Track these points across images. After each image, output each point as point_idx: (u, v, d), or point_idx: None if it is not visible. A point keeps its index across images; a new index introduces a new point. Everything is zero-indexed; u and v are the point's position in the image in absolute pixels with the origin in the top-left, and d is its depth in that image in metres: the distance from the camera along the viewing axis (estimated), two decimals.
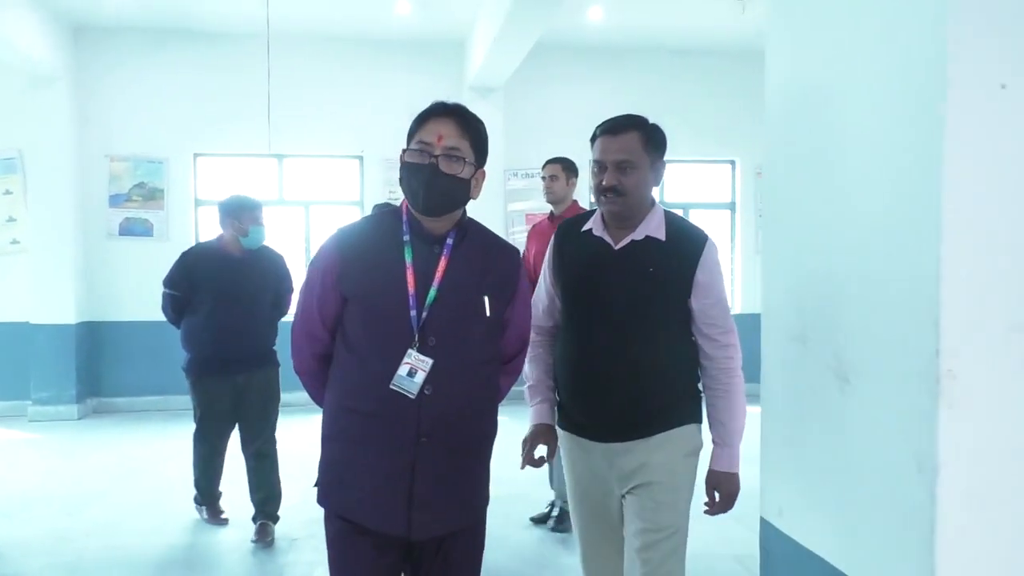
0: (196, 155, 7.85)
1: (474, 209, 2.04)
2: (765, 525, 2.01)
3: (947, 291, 1.28)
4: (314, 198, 8.07)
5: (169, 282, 4.20)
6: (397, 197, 6.63)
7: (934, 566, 1.27)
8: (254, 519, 4.25)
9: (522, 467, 2.32)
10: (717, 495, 2.26)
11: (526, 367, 2.37)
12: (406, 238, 1.95)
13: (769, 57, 2.02)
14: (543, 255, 2.53)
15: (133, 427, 6.96)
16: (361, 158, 8.00)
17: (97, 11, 7.05)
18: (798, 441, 1.86)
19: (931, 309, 1.30)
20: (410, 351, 1.86)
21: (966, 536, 1.27)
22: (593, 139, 2.29)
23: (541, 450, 2.32)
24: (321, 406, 2.05)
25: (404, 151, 1.93)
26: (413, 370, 1.86)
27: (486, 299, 1.94)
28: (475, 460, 2.01)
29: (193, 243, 7.62)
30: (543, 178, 4.41)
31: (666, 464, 2.22)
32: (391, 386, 1.85)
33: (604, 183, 2.19)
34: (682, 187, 8.72)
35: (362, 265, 1.93)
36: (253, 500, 4.28)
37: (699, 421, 2.30)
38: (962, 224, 1.29)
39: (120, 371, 7.61)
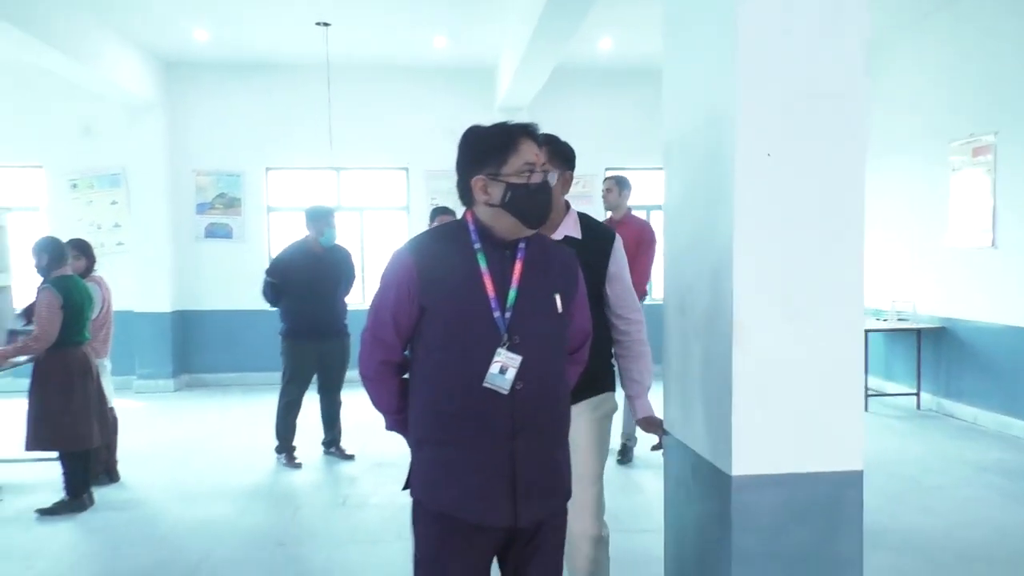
0: (268, 169, 9.18)
1: None
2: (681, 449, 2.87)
3: (737, 279, 2.08)
4: (367, 204, 9.33)
5: (270, 272, 5.58)
6: (438, 202, 7.82)
7: (731, 431, 2.09)
8: (327, 446, 5.89)
9: None
10: (654, 432, 2.62)
11: None
12: (477, 246, 2.01)
13: (665, 96, 2.60)
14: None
15: (218, 398, 8.35)
16: (407, 170, 9.23)
17: (185, 49, 8.38)
18: (680, 375, 2.57)
19: (729, 288, 2.10)
20: (500, 350, 1.93)
21: (749, 415, 2.09)
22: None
23: None
24: (382, 411, 2.13)
25: (500, 174, 1.97)
26: (504, 367, 1.93)
27: (557, 297, 2.04)
28: (562, 446, 2.09)
29: (265, 243, 9.03)
30: (603, 190, 5.58)
31: (586, 427, 2.58)
32: (484, 384, 1.92)
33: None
34: None
35: (439, 275, 1.96)
36: (327, 434, 5.88)
37: (613, 389, 2.71)
38: (746, 235, 2.07)
39: (206, 352, 9.03)
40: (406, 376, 2.09)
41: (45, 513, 4.63)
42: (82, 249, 5.16)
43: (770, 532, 2.10)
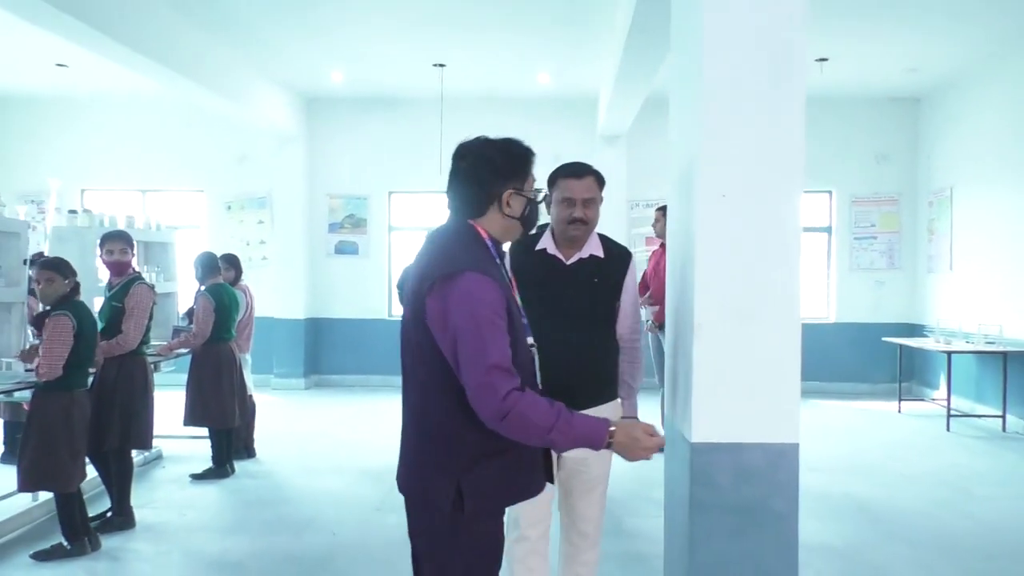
0: (390, 192, 10.25)
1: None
2: (666, 423, 3.50)
3: (697, 289, 2.65)
4: None
5: None
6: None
7: (691, 407, 2.63)
8: None
9: None
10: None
11: None
12: (498, 260, 2.11)
13: (670, 146, 3.20)
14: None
15: (342, 396, 9.42)
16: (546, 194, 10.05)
17: (323, 87, 9.58)
18: (669, 367, 3.11)
19: (691, 297, 2.68)
20: (533, 350, 2.16)
21: (707, 395, 2.61)
22: (553, 179, 2.81)
23: None
24: (544, 428, 1.90)
25: (523, 189, 2.13)
26: (534, 358, 2.17)
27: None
28: None
29: (387, 259, 10.07)
30: (653, 220, 6.28)
31: None
32: (537, 384, 2.15)
33: (575, 215, 2.74)
34: None
35: (505, 290, 2.00)
36: None
37: (618, 397, 2.95)
38: (704, 256, 2.64)
39: (334, 355, 10.16)
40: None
41: (196, 478, 5.70)
42: (231, 262, 6.25)
43: (722, 489, 2.66)
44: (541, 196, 2.25)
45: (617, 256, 2.90)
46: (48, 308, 4.13)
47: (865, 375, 9.50)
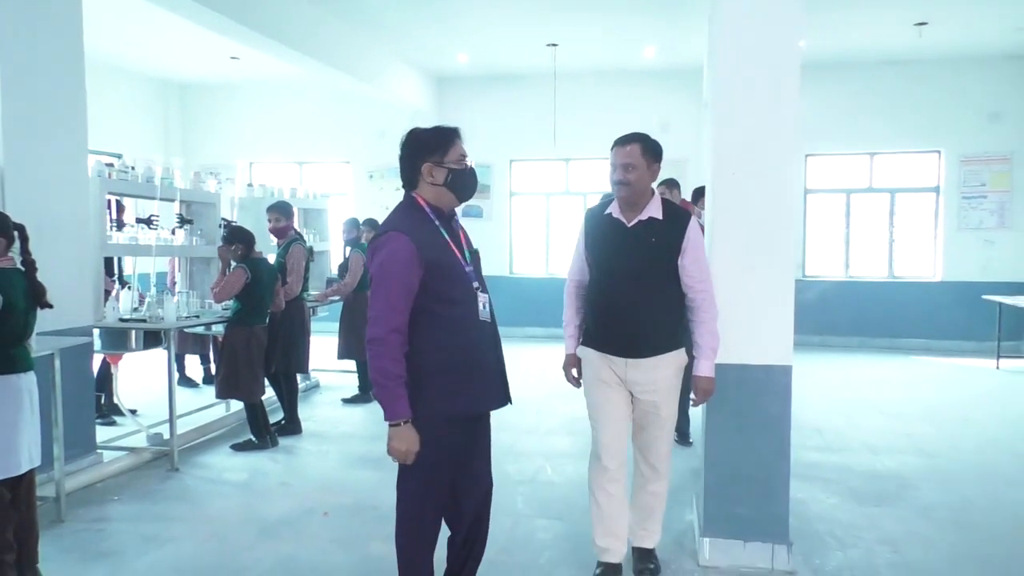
0: (511, 160, 11.25)
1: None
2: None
3: (714, 245, 3.41)
4: (587, 189, 11.04)
5: None
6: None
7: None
8: None
9: (577, 385, 3.35)
10: (697, 393, 3.22)
11: (564, 308, 3.38)
12: (437, 222, 2.61)
13: (713, 123, 4.08)
14: None
15: None
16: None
17: (450, 68, 10.65)
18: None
19: (709, 251, 3.58)
20: (479, 293, 2.63)
21: (721, 324, 3.47)
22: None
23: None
24: (390, 377, 2.45)
25: (443, 161, 2.61)
26: (484, 304, 2.65)
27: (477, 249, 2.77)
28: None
29: (508, 222, 11.08)
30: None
31: (665, 378, 3.17)
32: (480, 319, 2.62)
33: (617, 177, 3.10)
34: (889, 174, 10.22)
35: (427, 246, 2.52)
36: None
37: (683, 346, 3.23)
38: (720, 220, 3.44)
39: None
40: None
41: (347, 401, 7.00)
42: (372, 225, 7.42)
43: (729, 399, 3.50)
44: (462, 165, 2.64)
45: (675, 218, 3.15)
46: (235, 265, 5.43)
47: (970, 333, 9.64)
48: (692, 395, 3.24)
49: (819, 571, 3.51)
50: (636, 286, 3.10)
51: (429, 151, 2.61)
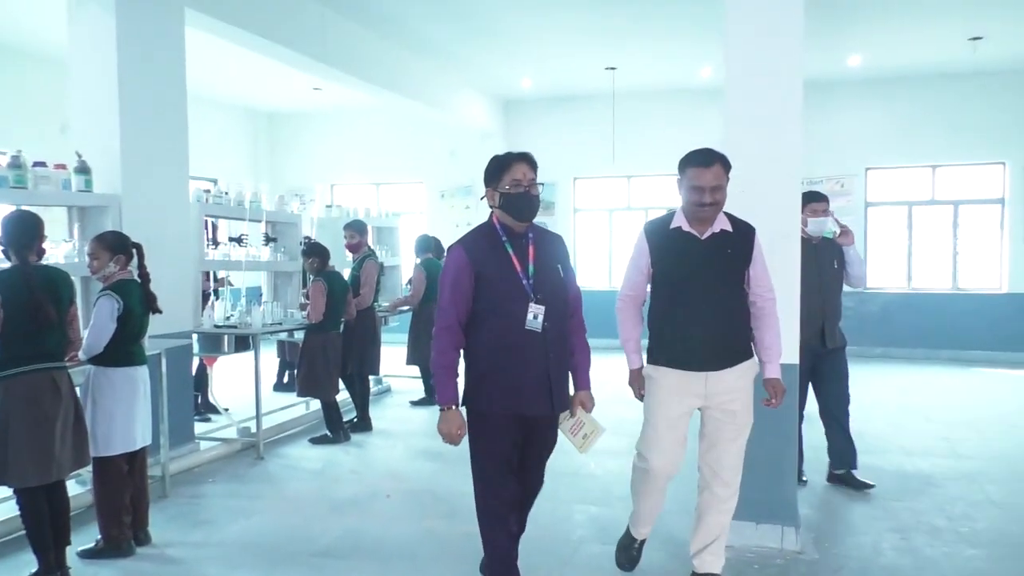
0: (575, 178, 11.75)
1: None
2: None
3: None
4: (653, 204, 11.42)
5: None
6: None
7: None
8: None
9: (640, 398, 3.33)
10: (776, 395, 3.25)
11: (620, 324, 3.36)
12: (504, 238, 2.96)
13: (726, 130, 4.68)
14: None
15: None
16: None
17: (515, 91, 11.25)
18: None
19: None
20: (531, 304, 2.88)
21: None
22: (683, 165, 3.15)
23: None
24: (446, 363, 2.94)
25: (498, 187, 2.94)
26: (536, 315, 2.88)
27: (559, 266, 3.03)
28: (568, 363, 3.09)
29: (572, 238, 11.54)
30: None
31: (745, 387, 3.19)
32: (526, 327, 2.88)
33: (705, 201, 3.07)
34: (952, 186, 10.24)
35: (483, 260, 2.90)
36: None
37: (753, 356, 3.26)
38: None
39: None
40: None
41: (415, 404, 7.59)
42: (432, 246, 8.02)
43: None
44: (516, 189, 2.93)
45: (744, 230, 3.23)
46: (312, 277, 6.10)
47: None
48: (764, 399, 3.28)
49: (826, 552, 3.84)
50: (715, 297, 3.15)
51: (489, 178, 2.99)
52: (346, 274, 6.72)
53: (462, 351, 3.00)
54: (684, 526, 3.77)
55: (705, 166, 3.06)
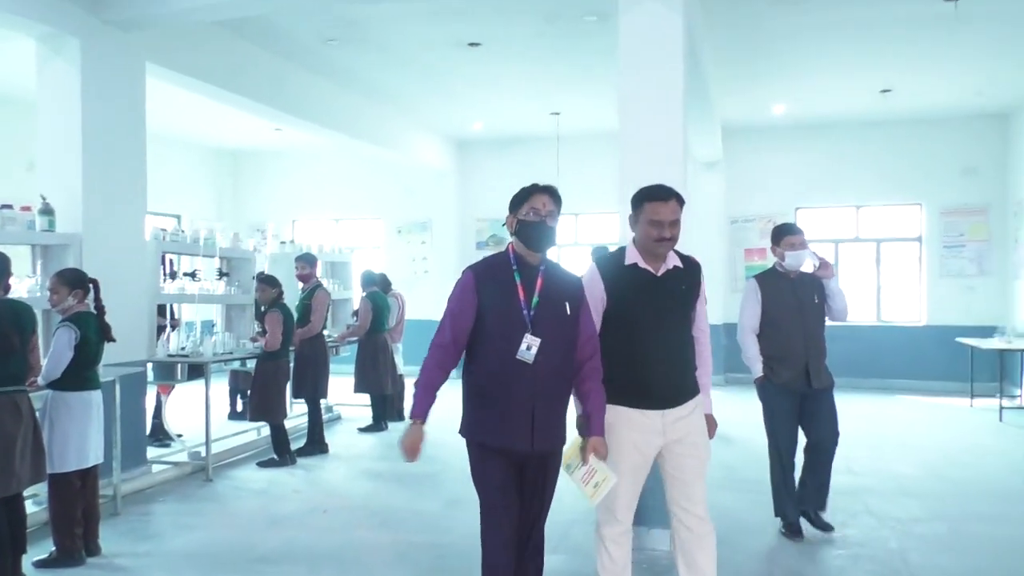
0: None
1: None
2: None
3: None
4: (597, 241, 12.00)
5: None
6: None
7: None
8: None
9: None
10: (711, 432, 3.22)
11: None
12: (515, 267, 2.93)
13: None
14: None
15: None
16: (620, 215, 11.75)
17: (468, 133, 11.83)
18: None
19: None
20: (526, 334, 2.83)
21: None
22: (638, 200, 3.09)
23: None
24: (432, 384, 2.93)
25: (517, 214, 2.96)
26: (529, 346, 2.82)
27: (566, 304, 2.93)
28: (565, 404, 2.95)
29: None
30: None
31: (700, 420, 3.16)
32: (516, 357, 2.81)
33: (664, 235, 3.02)
34: (875, 225, 10.98)
35: (489, 285, 2.89)
36: None
37: (699, 391, 3.20)
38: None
39: None
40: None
41: (362, 430, 7.99)
42: (377, 280, 8.46)
43: None
44: (530, 218, 2.93)
45: (693, 266, 3.24)
46: (264, 308, 6.53)
47: (952, 374, 10.17)
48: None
49: None
50: (671, 335, 3.12)
51: (512, 206, 3.03)
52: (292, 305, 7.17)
53: (461, 377, 3.04)
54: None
55: (663, 200, 3.04)
